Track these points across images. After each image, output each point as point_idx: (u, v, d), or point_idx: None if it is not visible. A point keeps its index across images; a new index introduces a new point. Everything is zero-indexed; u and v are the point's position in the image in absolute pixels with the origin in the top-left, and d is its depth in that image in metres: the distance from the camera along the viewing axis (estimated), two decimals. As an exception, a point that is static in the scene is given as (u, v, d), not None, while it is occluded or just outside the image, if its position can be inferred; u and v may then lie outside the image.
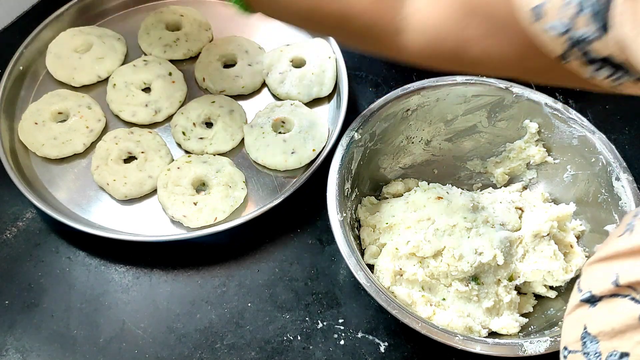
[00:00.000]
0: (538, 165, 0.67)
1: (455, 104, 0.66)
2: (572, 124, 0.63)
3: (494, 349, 0.51)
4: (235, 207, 0.68)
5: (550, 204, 0.65)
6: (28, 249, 0.68)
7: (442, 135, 0.68)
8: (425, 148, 0.68)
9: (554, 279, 0.60)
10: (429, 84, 0.65)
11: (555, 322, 0.57)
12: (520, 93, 0.65)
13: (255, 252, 0.68)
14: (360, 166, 0.63)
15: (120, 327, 0.63)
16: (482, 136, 0.68)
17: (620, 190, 0.59)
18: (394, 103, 0.63)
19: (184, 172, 0.69)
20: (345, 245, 0.56)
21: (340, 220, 0.57)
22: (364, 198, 0.65)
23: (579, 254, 0.61)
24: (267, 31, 0.84)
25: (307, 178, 0.68)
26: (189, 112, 0.74)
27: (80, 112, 0.74)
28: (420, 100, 0.64)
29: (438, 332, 0.52)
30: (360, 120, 0.62)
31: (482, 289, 0.58)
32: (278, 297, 0.65)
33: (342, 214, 0.58)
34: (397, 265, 0.59)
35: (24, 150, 0.73)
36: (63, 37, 0.80)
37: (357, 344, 0.62)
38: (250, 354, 0.61)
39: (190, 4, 0.85)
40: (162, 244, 0.67)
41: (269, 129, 0.73)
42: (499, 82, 0.65)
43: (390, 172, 0.68)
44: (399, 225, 0.61)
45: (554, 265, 0.59)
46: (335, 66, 0.77)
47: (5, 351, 0.62)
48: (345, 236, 0.57)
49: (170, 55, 0.80)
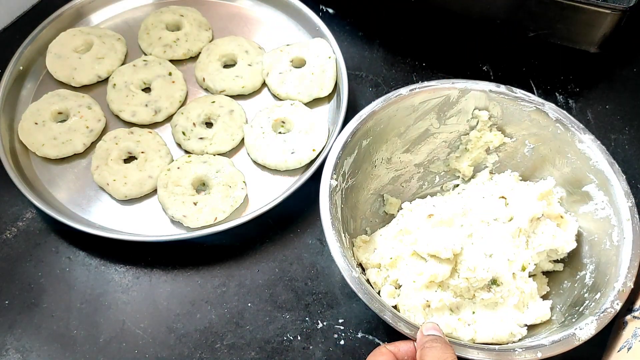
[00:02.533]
0: (497, 148, 0.68)
1: (405, 115, 0.66)
2: (521, 102, 0.64)
3: (553, 349, 0.52)
4: (235, 207, 0.68)
5: (526, 183, 0.66)
6: (28, 249, 0.68)
7: (400, 149, 0.68)
8: (387, 166, 0.68)
9: (557, 253, 0.61)
10: (378, 106, 0.64)
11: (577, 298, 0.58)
12: (463, 87, 0.65)
13: (255, 252, 0.68)
14: (343, 210, 0.62)
15: (120, 327, 0.63)
16: (436, 137, 0.69)
17: (587, 151, 0.61)
18: (353, 136, 0.63)
19: (184, 172, 0.69)
20: (372, 301, 0.54)
21: (356, 278, 0.55)
22: (355, 239, 0.64)
23: (570, 221, 0.62)
24: (267, 31, 0.84)
25: (307, 178, 0.68)
26: (189, 112, 0.74)
27: (80, 112, 0.74)
28: (373, 124, 0.64)
29: (499, 353, 0.52)
30: (330, 165, 0.61)
31: (503, 289, 0.58)
32: (278, 297, 0.65)
33: (354, 269, 0.56)
34: (422, 298, 0.58)
35: (24, 150, 0.73)
36: (63, 37, 0.80)
37: (357, 344, 0.62)
38: (250, 354, 0.61)
39: (190, 4, 0.85)
40: (162, 244, 0.67)
41: (269, 129, 0.73)
42: (441, 82, 0.66)
43: (365, 202, 0.67)
44: (403, 255, 0.60)
45: (557, 242, 0.60)
46: (335, 66, 0.77)
47: (5, 351, 0.62)
48: (368, 292, 0.54)
49: (170, 55, 0.80)
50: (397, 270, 0.60)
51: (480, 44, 0.83)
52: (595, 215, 0.61)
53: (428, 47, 0.84)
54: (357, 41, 0.85)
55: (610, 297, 0.53)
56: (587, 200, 0.62)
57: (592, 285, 0.58)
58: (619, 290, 0.53)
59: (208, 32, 0.83)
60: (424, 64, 0.82)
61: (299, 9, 0.83)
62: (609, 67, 0.82)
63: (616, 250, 0.57)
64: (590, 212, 0.61)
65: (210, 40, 0.83)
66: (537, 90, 0.80)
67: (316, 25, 0.81)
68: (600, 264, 0.58)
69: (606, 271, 0.57)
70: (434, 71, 0.81)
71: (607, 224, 0.59)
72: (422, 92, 0.65)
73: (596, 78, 0.81)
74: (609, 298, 0.53)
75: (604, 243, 0.59)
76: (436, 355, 0.48)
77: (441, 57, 0.83)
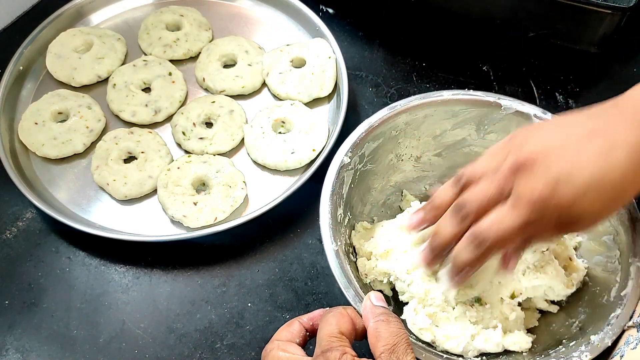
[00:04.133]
0: None
1: (444, 119, 0.65)
2: None
3: None
4: (235, 207, 0.68)
5: None
6: (28, 249, 0.68)
7: (432, 151, 0.67)
8: (415, 165, 0.67)
9: (555, 294, 0.58)
10: (416, 101, 0.63)
11: (559, 340, 0.56)
12: (509, 105, 0.63)
13: (255, 252, 0.68)
14: (352, 189, 0.62)
15: (120, 327, 0.63)
16: (472, 149, 0.67)
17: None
18: (382, 123, 0.62)
19: (184, 172, 0.69)
20: (343, 277, 0.54)
21: (335, 250, 0.55)
22: (357, 224, 0.64)
23: (578, 267, 0.60)
24: (267, 31, 0.84)
25: (307, 178, 0.68)
26: (189, 112, 0.74)
27: (80, 112, 0.74)
28: (408, 118, 0.63)
29: None
30: (348, 143, 0.61)
31: (486, 310, 0.57)
32: (278, 297, 0.65)
33: (336, 242, 0.56)
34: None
35: (24, 150, 0.73)
36: (63, 37, 0.80)
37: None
38: (250, 354, 0.61)
39: (190, 4, 0.85)
40: (162, 244, 0.67)
41: (269, 129, 0.73)
42: (487, 95, 0.64)
43: (381, 191, 0.66)
44: (395, 250, 0.60)
45: (555, 281, 0.58)
46: (335, 66, 0.77)
47: (5, 351, 0.62)
48: (342, 266, 0.55)
49: (170, 55, 0.80)
50: (388, 261, 0.59)
51: (480, 44, 0.83)
52: (605, 269, 0.58)
53: (428, 47, 0.84)
54: (357, 41, 0.85)
55: (582, 348, 0.51)
56: (602, 252, 0.59)
57: (574, 334, 0.55)
58: (592, 344, 0.51)
59: (208, 32, 0.83)
60: (424, 64, 0.82)
61: (299, 9, 0.83)
62: (609, 67, 0.82)
63: (609, 308, 0.54)
64: (601, 264, 0.59)
65: (210, 40, 0.83)
66: (537, 90, 0.79)
67: (316, 25, 0.81)
68: (591, 315, 0.56)
69: (593, 324, 0.54)
70: (434, 71, 0.81)
71: (612, 279, 0.56)
72: (464, 99, 0.63)
73: (596, 78, 0.81)
74: (580, 348, 0.51)
75: (602, 297, 0.56)
76: (393, 331, 0.46)
77: (441, 57, 0.83)
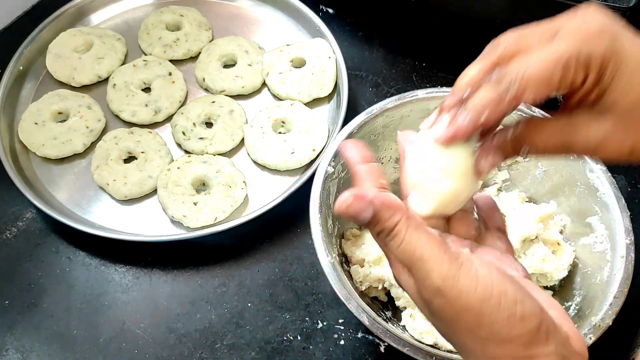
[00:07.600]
0: (509, 166, 0.67)
1: (419, 118, 0.64)
2: None
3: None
4: (235, 207, 0.68)
5: (530, 204, 0.65)
6: (28, 249, 0.68)
7: None
8: (395, 166, 0.67)
9: (547, 279, 0.60)
10: (391, 103, 0.63)
11: None
12: None
13: (255, 252, 0.68)
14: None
15: (120, 327, 0.63)
16: None
17: (596, 181, 0.59)
18: (361, 129, 0.62)
19: (184, 172, 0.69)
20: (342, 289, 0.54)
21: (331, 263, 0.55)
22: (346, 232, 0.64)
23: (567, 250, 0.61)
24: (267, 31, 0.84)
25: (307, 178, 0.68)
26: (189, 112, 0.74)
27: (80, 112, 0.74)
28: (385, 120, 0.63)
29: None
30: (331, 152, 0.61)
31: None
32: (278, 297, 0.65)
33: (331, 255, 0.56)
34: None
35: (24, 150, 0.73)
36: (63, 37, 0.80)
37: (357, 344, 0.62)
38: (250, 354, 0.61)
39: (190, 4, 0.85)
40: (162, 244, 0.67)
41: (269, 129, 0.73)
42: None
43: None
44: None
45: (547, 267, 0.59)
46: (335, 66, 0.77)
47: (5, 351, 0.62)
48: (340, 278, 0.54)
49: (170, 55, 0.80)
50: (381, 268, 0.60)
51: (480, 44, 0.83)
52: (594, 248, 0.59)
53: (428, 47, 0.84)
54: (357, 41, 0.85)
55: (584, 330, 0.51)
56: (589, 232, 0.60)
57: (573, 317, 0.56)
58: (594, 325, 0.51)
59: (208, 32, 0.83)
60: (424, 64, 0.82)
61: (299, 9, 0.83)
62: (609, 67, 0.82)
63: (604, 286, 0.55)
64: (589, 245, 0.60)
65: (210, 40, 0.83)
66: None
67: (316, 25, 0.81)
68: (587, 297, 0.57)
69: (590, 305, 0.55)
70: (434, 71, 0.81)
71: (603, 258, 0.57)
72: (438, 96, 0.63)
73: (596, 78, 0.81)
74: (583, 331, 0.51)
75: (595, 277, 0.57)
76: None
77: (441, 57, 0.83)
